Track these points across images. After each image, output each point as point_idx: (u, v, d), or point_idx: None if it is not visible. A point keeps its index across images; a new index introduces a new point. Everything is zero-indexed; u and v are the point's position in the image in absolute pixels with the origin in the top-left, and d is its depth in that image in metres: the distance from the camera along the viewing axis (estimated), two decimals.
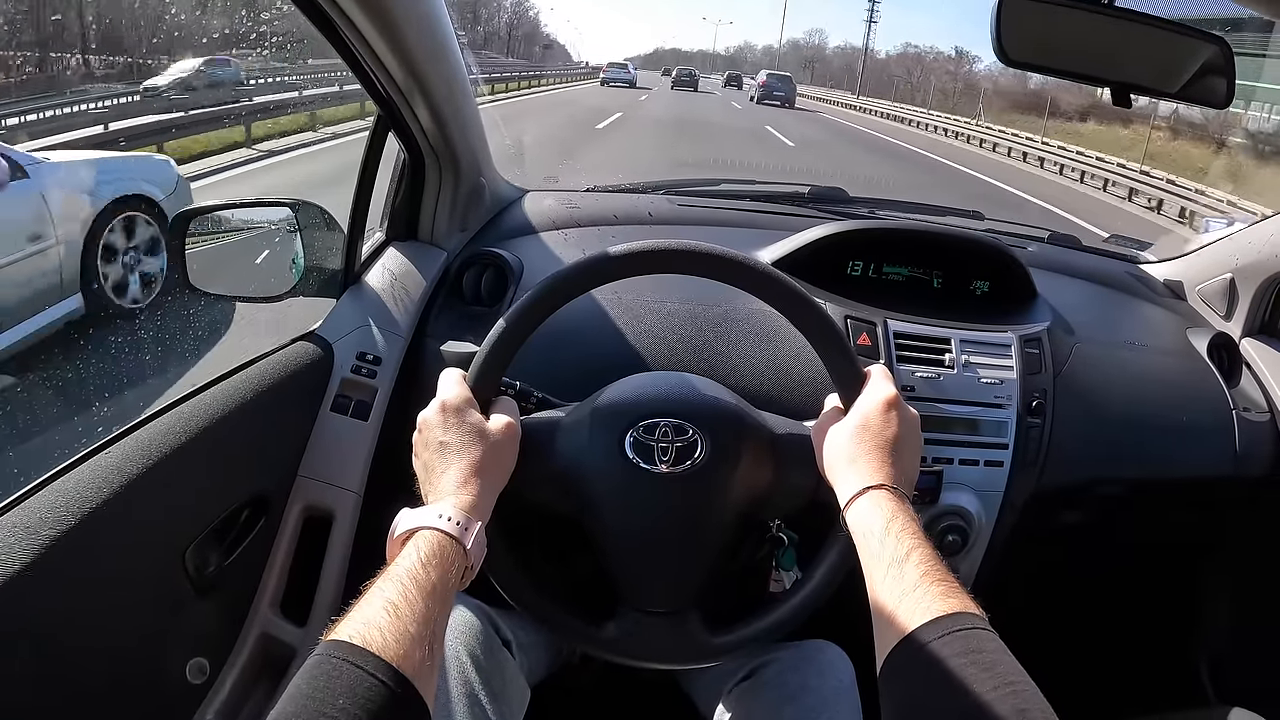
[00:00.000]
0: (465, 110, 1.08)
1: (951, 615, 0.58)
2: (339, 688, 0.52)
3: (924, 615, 0.59)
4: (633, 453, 0.79)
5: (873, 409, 0.76)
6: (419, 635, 0.57)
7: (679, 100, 26.15)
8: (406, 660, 0.55)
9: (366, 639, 0.55)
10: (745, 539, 0.90)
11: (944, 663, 0.55)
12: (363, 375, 1.05)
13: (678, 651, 0.84)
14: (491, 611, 0.90)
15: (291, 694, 0.53)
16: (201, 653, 0.96)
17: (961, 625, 0.57)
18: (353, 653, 0.54)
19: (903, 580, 0.62)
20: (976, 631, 0.57)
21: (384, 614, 0.57)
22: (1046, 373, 1.12)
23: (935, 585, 0.61)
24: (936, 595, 0.60)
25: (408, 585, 0.60)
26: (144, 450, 0.83)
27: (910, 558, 0.63)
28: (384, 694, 0.53)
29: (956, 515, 1.08)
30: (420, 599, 0.60)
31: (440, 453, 0.74)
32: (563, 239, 1.25)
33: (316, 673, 0.54)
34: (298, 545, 1.05)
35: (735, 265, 0.80)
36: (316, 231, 1.09)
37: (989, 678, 0.54)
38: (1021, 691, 0.53)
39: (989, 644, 0.57)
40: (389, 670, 0.54)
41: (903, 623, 0.59)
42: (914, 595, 0.60)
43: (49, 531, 0.71)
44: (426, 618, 0.59)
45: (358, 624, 0.57)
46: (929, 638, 0.57)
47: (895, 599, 0.61)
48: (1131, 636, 1.39)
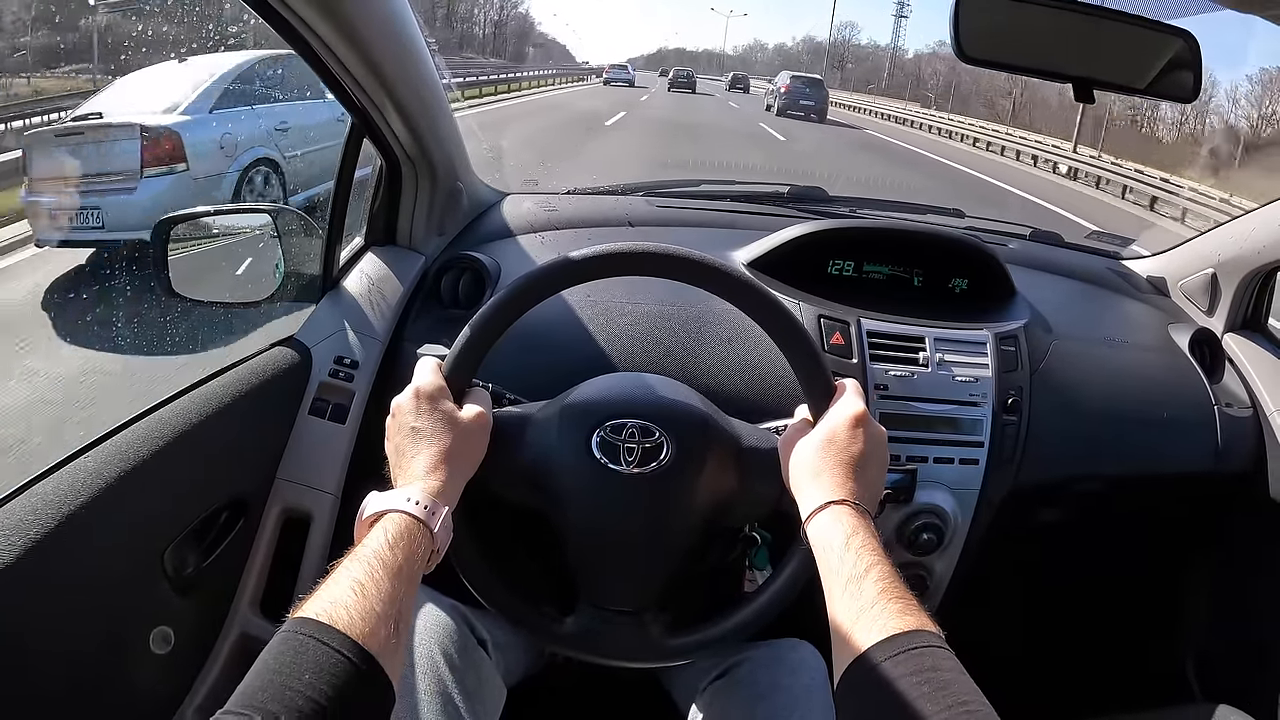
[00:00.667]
0: (439, 116, 1.10)
1: (907, 633, 0.58)
2: (305, 663, 0.54)
3: (880, 633, 0.59)
4: (599, 451, 0.80)
5: (840, 423, 0.76)
6: (384, 614, 0.58)
7: (675, 105, 22.28)
8: (372, 638, 0.57)
9: (333, 616, 0.57)
10: (710, 542, 0.91)
11: (898, 681, 0.55)
12: (340, 379, 1.07)
13: (635, 651, 0.85)
14: (467, 611, 0.91)
15: (258, 669, 0.54)
16: (182, 652, 0.97)
17: (917, 644, 0.58)
18: (319, 629, 0.56)
19: (860, 597, 0.62)
20: (932, 650, 0.57)
21: (350, 593, 0.59)
22: (1023, 370, 1.11)
23: (893, 603, 0.61)
24: (893, 613, 0.60)
25: (374, 566, 0.62)
26: (123, 453, 0.84)
27: (869, 574, 0.64)
28: (349, 670, 0.54)
29: (932, 514, 1.08)
30: (386, 579, 0.61)
31: (411, 437, 0.75)
32: (540, 242, 1.26)
33: (283, 649, 0.55)
34: (277, 546, 1.06)
35: (708, 270, 0.80)
36: (296, 237, 1.10)
37: (943, 696, 0.54)
38: (975, 712, 0.53)
39: (944, 663, 0.57)
40: (354, 647, 0.55)
41: (859, 639, 0.60)
42: (871, 612, 0.61)
43: (28, 535, 0.73)
44: (392, 597, 0.60)
45: (324, 602, 0.58)
46: (884, 655, 0.57)
47: (853, 615, 0.62)
48: (1114, 634, 1.38)
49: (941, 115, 24.93)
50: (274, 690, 0.52)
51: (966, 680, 0.56)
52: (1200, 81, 0.98)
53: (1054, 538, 1.25)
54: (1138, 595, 1.38)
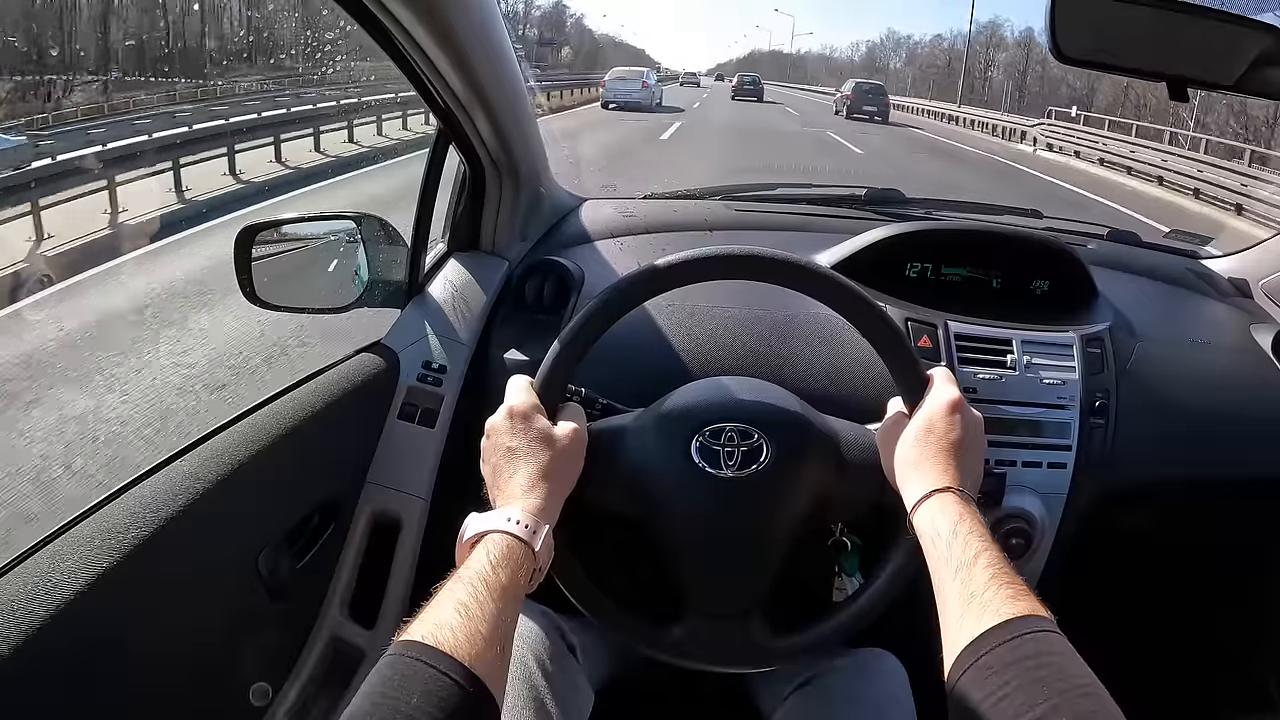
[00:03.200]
0: (524, 120, 1.10)
1: (1021, 619, 0.58)
2: (413, 686, 0.54)
3: (993, 618, 0.59)
4: (699, 457, 0.80)
5: (937, 412, 0.76)
6: (490, 635, 0.59)
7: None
8: (479, 660, 0.57)
9: (439, 639, 0.57)
10: (809, 543, 0.91)
11: (1014, 665, 0.55)
12: (428, 384, 1.08)
13: (740, 655, 0.85)
14: (556, 617, 0.92)
15: (365, 693, 0.54)
16: (273, 655, 0.98)
17: (1031, 628, 0.57)
18: (426, 652, 0.56)
19: (971, 583, 0.62)
20: (1046, 634, 0.57)
21: (455, 615, 0.59)
22: (1109, 372, 1.10)
23: (1004, 588, 0.61)
24: (1005, 598, 0.60)
25: (478, 587, 0.62)
26: (217, 458, 0.85)
27: (978, 560, 0.63)
28: (457, 693, 0.54)
29: (1020, 518, 1.07)
30: (490, 600, 0.61)
31: (508, 457, 0.75)
32: (621, 247, 1.26)
33: (390, 672, 0.55)
34: (366, 550, 1.07)
35: (797, 269, 0.81)
36: (380, 244, 1.11)
37: (1059, 680, 0.54)
38: (1092, 694, 0.53)
39: (1058, 646, 0.57)
40: (462, 670, 0.55)
41: (971, 625, 0.59)
42: (982, 598, 0.60)
43: (128, 537, 0.74)
44: (497, 618, 0.60)
45: (430, 625, 0.58)
46: (999, 640, 0.57)
47: (964, 602, 0.61)
48: (1200, 643, 1.36)
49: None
50: (384, 713, 0.52)
51: (1081, 664, 0.56)
52: None
53: (1140, 542, 1.22)
54: (1225, 603, 1.35)
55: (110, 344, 3.00)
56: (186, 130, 7.14)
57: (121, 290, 3.67)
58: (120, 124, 7.52)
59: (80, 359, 2.86)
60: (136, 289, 3.68)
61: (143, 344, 3.08)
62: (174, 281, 3.72)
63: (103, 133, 6.63)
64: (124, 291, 3.63)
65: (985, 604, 0.60)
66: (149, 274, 3.98)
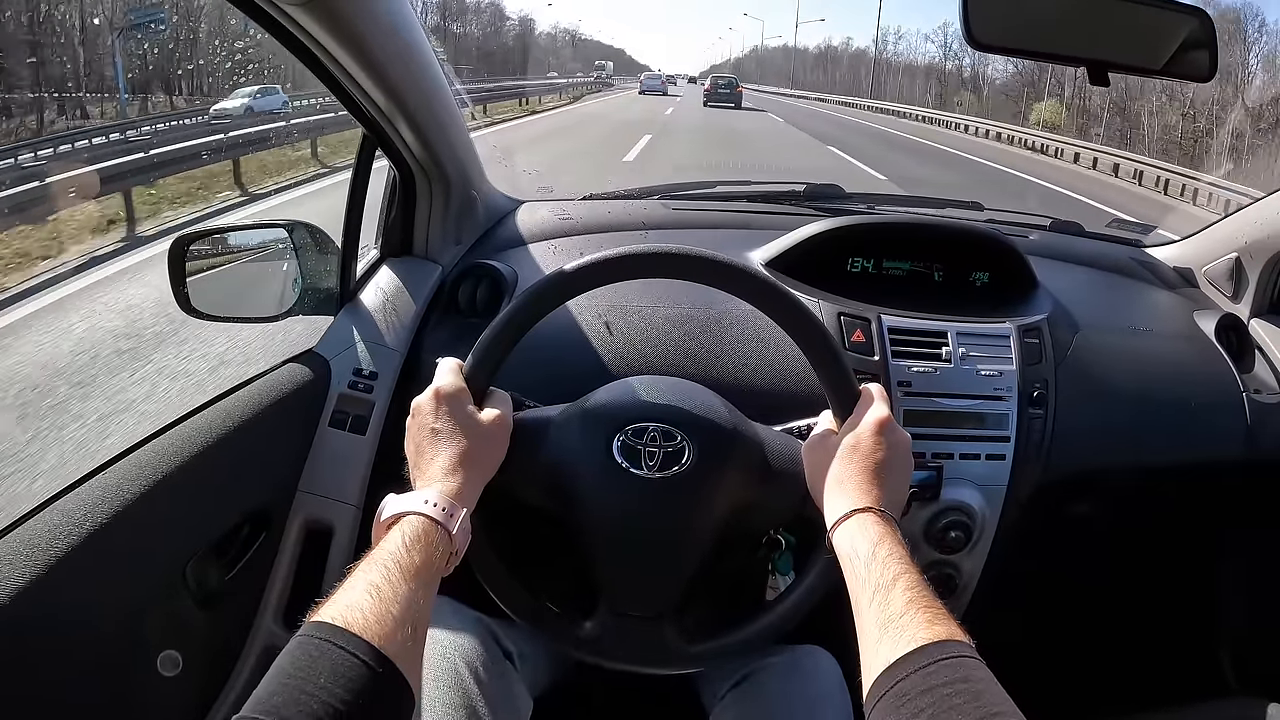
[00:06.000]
0: (450, 126, 1.10)
1: (938, 643, 0.57)
2: (320, 667, 0.53)
3: (910, 643, 0.58)
4: (620, 455, 0.79)
5: (864, 430, 0.75)
6: (401, 617, 0.58)
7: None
8: (389, 641, 0.56)
9: (349, 620, 0.56)
10: (731, 547, 0.90)
11: (929, 692, 0.54)
12: (359, 390, 1.07)
13: (653, 656, 0.84)
14: (492, 623, 0.91)
15: (274, 674, 0.54)
16: (206, 666, 0.97)
17: (948, 654, 0.57)
18: (334, 633, 0.55)
19: (888, 607, 0.61)
20: (963, 660, 0.56)
21: (366, 596, 0.58)
22: (1047, 363, 1.10)
23: (921, 612, 0.60)
24: (923, 623, 0.59)
25: (390, 568, 0.61)
26: (142, 469, 0.84)
27: (897, 584, 0.63)
28: (366, 673, 0.54)
29: (959, 511, 1.06)
30: (403, 582, 0.61)
31: (431, 438, 0.75)
32: (557, 249, 1.26)
33: (298, 653, 0.55)
34: (299, 558, 1.06)
35: (729, 270, 0.80)
36: (311, 252, 1.11)
37: (975, 707, 0.53)
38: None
39: (976, 672, 0.56)
40: (370, 650, 0.55)
41: (888, 650, 0.59)
42: (899, 622, 0.60)
43: (49, 552, 0.73)
44: (409, 600, 0.60)
45: (340, 606, 0.58)
46: (915, 666, 0.56)
47: (881, 626, 0.61)
48: (1148, 627, 1.35)
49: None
50: (289, 695, 0.52)
51: (998, 689, 0.55)
52: (1216, 60, 0.97)
53: (1084, 531, 1.22)
54: (1171, 587, 1.35)
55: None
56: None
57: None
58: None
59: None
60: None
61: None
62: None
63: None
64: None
65: (902, 629, 0.59)
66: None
